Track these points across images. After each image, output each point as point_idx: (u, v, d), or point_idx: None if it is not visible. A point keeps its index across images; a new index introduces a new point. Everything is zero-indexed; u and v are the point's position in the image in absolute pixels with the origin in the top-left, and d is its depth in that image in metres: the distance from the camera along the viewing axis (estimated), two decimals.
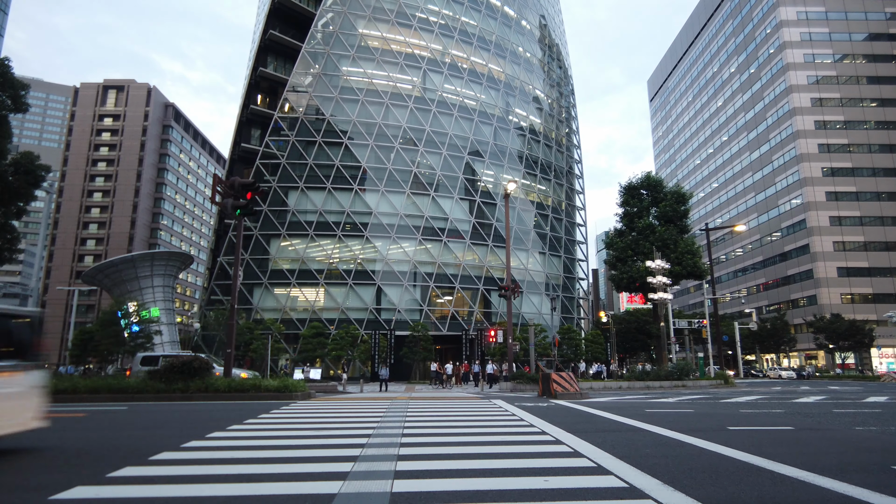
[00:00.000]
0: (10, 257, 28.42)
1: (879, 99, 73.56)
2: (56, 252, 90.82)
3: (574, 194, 69.76)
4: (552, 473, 5.62)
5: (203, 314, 52.53)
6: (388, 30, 57.14)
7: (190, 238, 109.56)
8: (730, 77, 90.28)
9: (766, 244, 78.70)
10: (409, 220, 52.72)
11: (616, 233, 38.55)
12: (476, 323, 52.14)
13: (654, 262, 31.40)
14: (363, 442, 7.81)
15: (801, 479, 5.36)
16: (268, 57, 57.77)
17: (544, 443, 7.70)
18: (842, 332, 56.82)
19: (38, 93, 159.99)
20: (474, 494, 4.80)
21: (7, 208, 26.90)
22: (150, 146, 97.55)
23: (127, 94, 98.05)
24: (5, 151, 26.59)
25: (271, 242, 51.64)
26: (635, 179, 38.39)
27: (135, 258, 48.24)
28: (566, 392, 19.54)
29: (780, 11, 76.17)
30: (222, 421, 10.54)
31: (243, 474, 5.67)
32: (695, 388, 25.70)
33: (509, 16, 65.72)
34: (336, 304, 50.15)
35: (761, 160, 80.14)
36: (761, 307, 77.86)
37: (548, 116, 67.85)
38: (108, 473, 5.66)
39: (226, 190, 17.78)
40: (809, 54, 74.97)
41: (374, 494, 4.80)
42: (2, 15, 72.95)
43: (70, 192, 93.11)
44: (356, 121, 53.71)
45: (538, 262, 59.60)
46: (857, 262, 68.15)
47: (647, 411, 13.00)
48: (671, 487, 4.98)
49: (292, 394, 17.81)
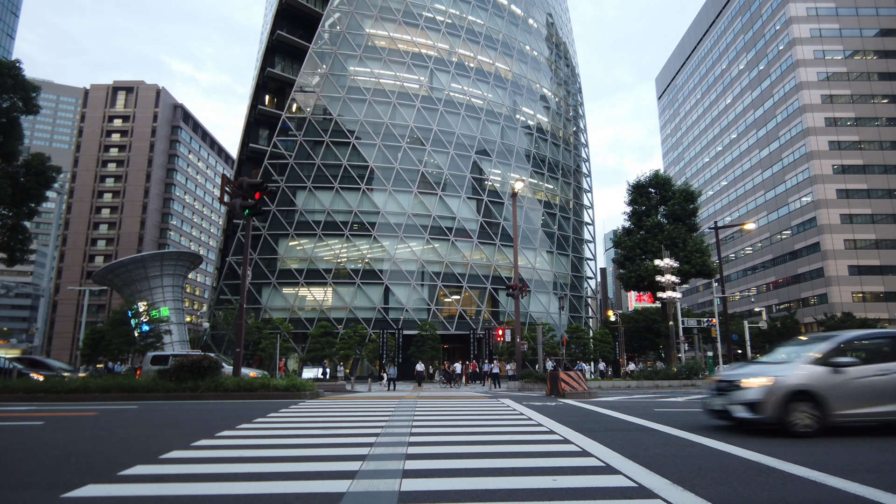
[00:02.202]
0: (22, 258, 28.70)
1: (891, 95, 72.76)
2: (67, 252, 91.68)
3: (582, 193, 69.54)
4: (561, 473, 5.61)
5: (212, 314, 52.86)
6: (395, 29, 57.21)
7: (199, 238, 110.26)
8: (739, 74, 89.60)
9: (776, 242, 78.08)
10: (416, 220, 52.76)
11: (624, 231, 38.41)
12: (484, 322, 52.13)
13: (662, 261, 31.25)
14: (371, 441, 7.82)
15: (812, 478, 5.32)
16: (275, 57, 57.99)
17: (553, 442, 7.68)
18: None
19: (49, 94, 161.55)
20: (483, 493, 4.80)
21: (19, 209, 27.16)
22: (160, 147, 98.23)
23: (136, 95, 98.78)
24: (17, 153, 26.86)
25: (279, 242, 51.86)
26: (643, 178, 38.24)
27: (145, 258, 48.58)
28: (574, 391, 19.49)
29: (790, 7, 75.50)
30: (232, 420, 10.60)
31: (253, 473, 5.70)
32: (704, 388, 25.51)
33: (516, 14, 65.58)
34: (344, 304, 50.28)
35: (770, 158, 79.49)
36: (771, 306, 77.26)
37: (555, 115, 67.67)
38: (120, 472, 5.71)
39: (234, 190, 17.87)
40: (819, 51, 74.25)
41: (382, 493, 4.81)
42: (13, 17, 73.61)
43: (80, 193, 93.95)
44: (363, 120, 53.82)
45: (546, 261, 59.47)
46: (868, 261, 67.47)
47: (656, 410, 12.95)
48: (680, 487, 4.96)
49: (301, 393, 17.87)
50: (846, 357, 8.38)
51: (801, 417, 8.03)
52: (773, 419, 8.07)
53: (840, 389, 8.08)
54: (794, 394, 8.07)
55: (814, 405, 8.02)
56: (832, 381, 8.12)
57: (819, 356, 8.46)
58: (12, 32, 74.37)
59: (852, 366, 8.21)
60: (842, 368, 8.19)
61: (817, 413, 8.00)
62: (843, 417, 8.09)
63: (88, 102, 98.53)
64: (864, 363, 8.36)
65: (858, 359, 8.41)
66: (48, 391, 16.39)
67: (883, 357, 8.52)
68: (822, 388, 8.05)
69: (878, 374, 8.22)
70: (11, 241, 27.52)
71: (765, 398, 8.11)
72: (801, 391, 8.06)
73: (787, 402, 8.04)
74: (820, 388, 8.05)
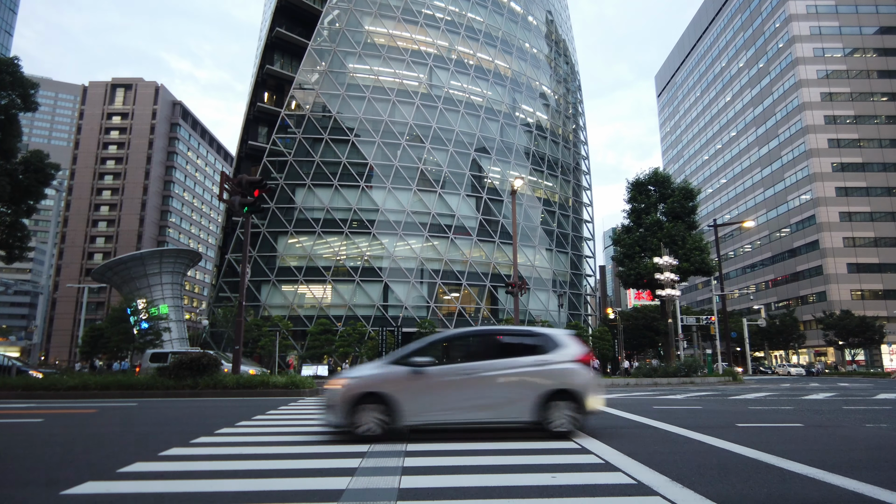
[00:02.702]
0: (21, 255, 28.64)
1: (890, 93, 72.77)
2: (66, 250, 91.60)
3: (581, 191, 69.53)
4: (560, 470, 5.61)
5: (211, 311, 52.84)
6: (395, 26, 57.09)
7: (198, 235, 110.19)
8: (738, 72, 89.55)
9: (775, 240, 78.15)
10: (415, 217, 52.75)
11: (623, 229, 38.40)
12: (483, 320, 52.15)
13: (661, 259, 31.25)
14: None
15: (811, 476, 5.32)
16: (274, 54, 57.86)
17: (551, 439, 7.69)
18: (852, 328, 56.39)
19: (48, 91, 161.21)
20: (482, 490, 4.81)
21: (17, 206, 27.08)
22: (158, 144, 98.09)
23: (135, 92, 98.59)
24: (15, 150, 26.78)
25: (279, 240, 51.82)
26: (643, 175, 38.21)
27: (143, 255, 48.52)
28: None
29: (790, 5, 75.44)
30: (231, 417, 10.60)
31: (252, 470, 5.70)
32: (703, 385, 25.58)
33: (516, 11, 65.47)
34: (343, 301, 50.28)
35: (770, 156, 79.52)
36: (770, 303, 77.39)
37: (555, 112, 67.61)
38: (119, 469, 5.71)
39: (233, 187, 17.83)
40: (819, 48, 74.24)
41: (382, 490, 4.81)
42: (11, 14, 73.39)
43: (79, 191, 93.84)
44: (363, 118, 53.76)
45: (545, 259, 59.48)
46: (867, 259, 67.56)
47: (655, 408, 12.96)
48: (679, 484, 4.96)
49: (300, 390, 17.88)
50: (426, 357, 7.76)
51: (367, 420, 7.33)
52: (343, 424, 7.38)
53: (418, 391, 7.51)
54: (363, 396, 7.40)
55: (385, 408, 7.35)
56: (410, 382, 7.52)
57: (401, 356, 7.87)
58: (10, 29, 74.18)
59: (430, 366, 7.63)
60: (422, 369, 7.58)
61: (386, 416, 7.34)
62: (419, 420, 7.54)
63: (87, 99, 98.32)
64: (450, 363, 7.85)
65: (446, 359, 7.94)
66: (47, 388, 16.40)
67: (471, 356, 7.98)
68: (395, 390, 7.42)
69: (462, 375, 7.65)
70: (10, 238, 27.46)
71: (337, 401, 7.43)
72: (371, 393, 7.42)
73: (355, 404, 7.36)
74: (392, 390, 7.42)
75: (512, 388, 7.68)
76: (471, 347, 8.35)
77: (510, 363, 7.80)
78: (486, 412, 7.63)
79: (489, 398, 7.63)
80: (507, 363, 7.79)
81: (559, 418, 7.61)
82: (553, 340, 8.12)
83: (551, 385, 7.64)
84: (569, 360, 7.91)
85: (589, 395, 7.80)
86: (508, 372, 7.72)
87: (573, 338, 8.32)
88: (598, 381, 8.27)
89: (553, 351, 7.96)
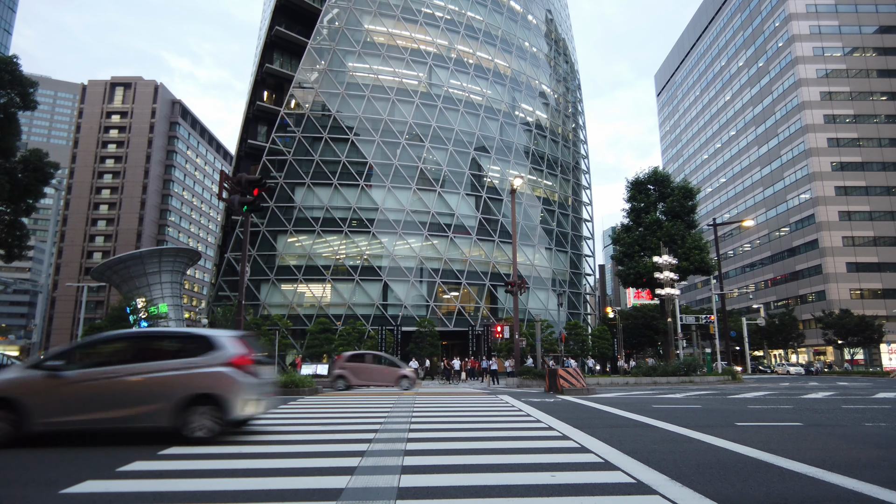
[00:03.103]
0: (20, 254, 28.68)
1: (890, 93, 72.74)
2: (65, 248, 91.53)
3: (581, 190, 69.52)
4: (559, 469, 5.62)
5: (211, 310, 52.83)
6: (394, 25, 57.04)
7: (197, 234, 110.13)
8: (738, 71, 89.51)
9: (775, 239, 78.16)
10: (415, 216, 52.74)
11: (623, 228, 38.38)
12: (482, 318, 52.16)
13: (661, 258, 31.24)
14: (370, 437, 7.83)
15: (811, 475, 5.33)
16: (274, 53, 57.81)
17: (551, 438, 7.70)
18: (851, 327, 56.40)
19: (47, 90, 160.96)
20: (481, 489, 4.81)
21: (17, 205, 27.10)
22: (158, 143, 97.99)
23: (134, 91, 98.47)
24: (14, 149, 26.79)
25: (278, 239, 51.80)
26: (642, 175, 38.17)
27: (143, 254, 48.52)
28: (573, 388, 19.52)
29: (789, 4, 75.39)
30: None
31: (252, 469, 5.70)
32: (702, 384, 25.60)
33: (515, 10, 65.42)
34: (343, 300, 50.27)
35: (769, 155, 79.50)
36: (769, 303, 77.41)
37: (554, 111, 67.59)
38: (118, 468, 5.71)
39: (233, 186, 17.80)
40: (819, 47, 74.20)
41: (381, 489, 4.81)
42: (10, 12, 73.30)
43: (78, 189, 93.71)
44: (362, 117, 53.73)
45: (545, 258, 59.48)
46: (866, 258, 67.56)
47: (655, 407, 12.98)
48: (679, 483, 4.97)
49: (299, 389, 17.89)
50: (57, 361, 7.65)
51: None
52: None
53: (55, 395, 7.31)
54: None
55: (14, 412, 7.11)
56: (45, 385, 7.32)
57: (41, 360, 7.78)
58: (10, 28, 74.06)
59: (65, 370, 7.46)
60: (59, 373, 7.40)
61: (15, 419, 7.10)
62: (54, 425, 7.29)
63: (86, 98, 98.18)
64: (96, 366, 7.63)
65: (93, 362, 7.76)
66: None
67: (120, 359, 7.78)
68: (27, 395, 7.22)
69: (103, 378, 7.47)
70: (9, 237, 27.49)
71: None
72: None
73: None
74: (24, 395, 7.21)
75: (152, 392, 7.47)
76: (121, 350, 8.13)
77: (155, 366, 7.63)
78: (123, 415, 7.37)
79: (126, 402, 7.40)
80: (152, 366, 7.62)
81: (198, 424, 7.37)
82: (211, 343, 7.86)
83: (193, 389, 7.44)
84: (219, 363, 7.63)
85: (235, 400, 7.47)
86: (151, 376, 7.54)
87: (235, 340, 8.06)
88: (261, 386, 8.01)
89: (206, 354, 7.73)
